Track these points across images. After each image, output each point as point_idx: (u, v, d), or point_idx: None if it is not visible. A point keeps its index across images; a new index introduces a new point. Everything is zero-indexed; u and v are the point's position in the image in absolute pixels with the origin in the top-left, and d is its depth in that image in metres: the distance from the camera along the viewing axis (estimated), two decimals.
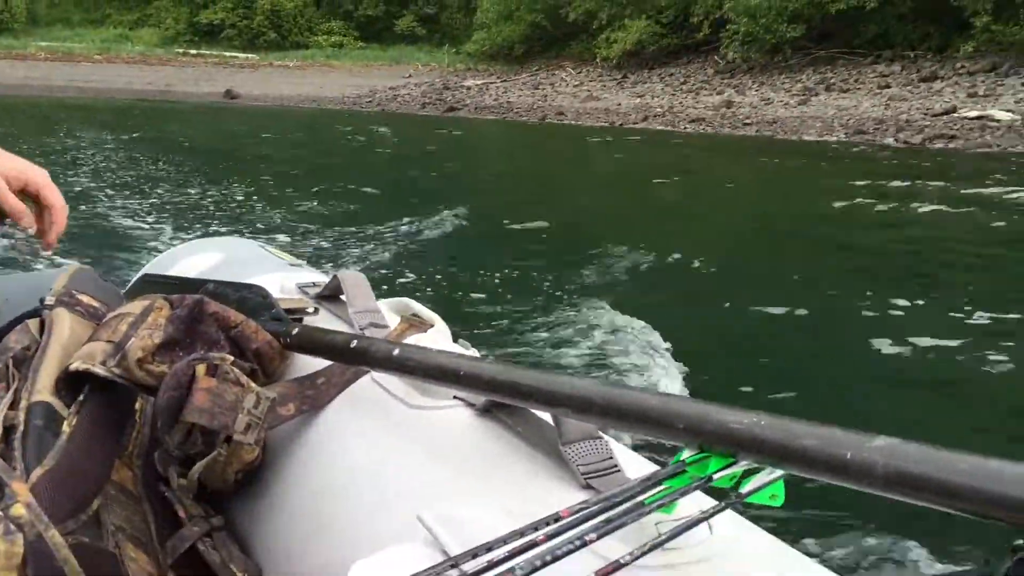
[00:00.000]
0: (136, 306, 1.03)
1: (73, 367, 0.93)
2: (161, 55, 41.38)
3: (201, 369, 0.93)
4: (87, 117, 18.45)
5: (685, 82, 24.61)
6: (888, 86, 19.42)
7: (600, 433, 0.83)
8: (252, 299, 1.14)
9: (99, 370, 0.93)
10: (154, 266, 1.65)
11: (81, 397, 0.93)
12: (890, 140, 13.91)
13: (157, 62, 40.24)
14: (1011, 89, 16.79)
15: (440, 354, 0.89)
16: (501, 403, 0.88)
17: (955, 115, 15.08)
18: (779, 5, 22.66)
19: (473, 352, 1.07)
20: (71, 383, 0.94)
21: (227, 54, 41.29)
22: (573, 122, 20.46)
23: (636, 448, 0.86)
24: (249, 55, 41.20)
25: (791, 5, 22.49)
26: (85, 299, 1.09)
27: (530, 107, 23.68)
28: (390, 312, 1.23)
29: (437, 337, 1.13)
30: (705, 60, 26.24)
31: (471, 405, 0.94)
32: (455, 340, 1.19)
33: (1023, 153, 12.33)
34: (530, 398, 0.79)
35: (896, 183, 9.63)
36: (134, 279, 1.46)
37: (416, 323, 1.16)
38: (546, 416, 0.85)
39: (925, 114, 15.61)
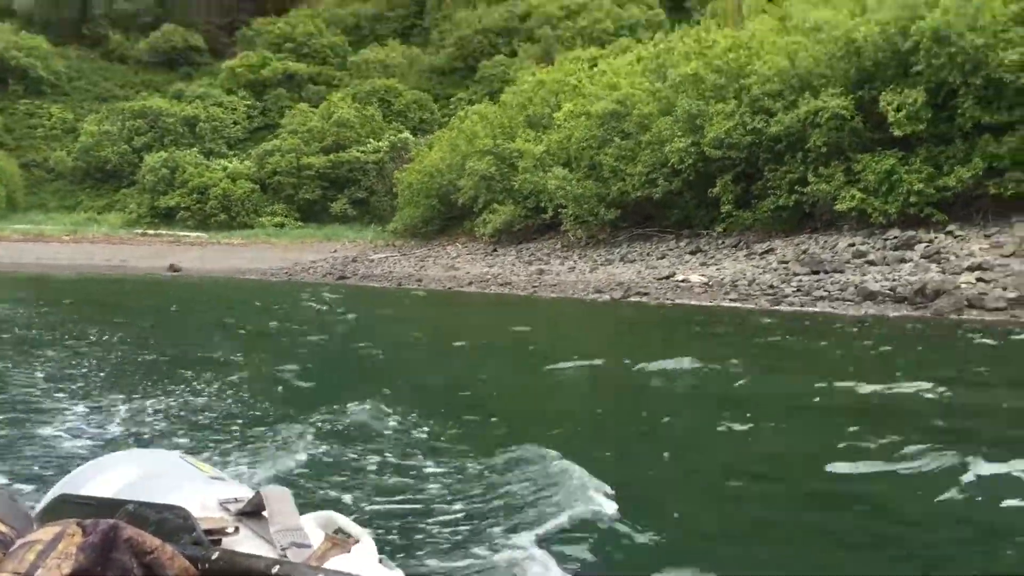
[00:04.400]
0: (46, 532, 0.98)
1: None
2: (122, 235, 47.18)
3: None
4: (38, 289, 23.16)
5: (533, 255, 30.06)
6: (664, 256, 24.79)
7: None
8: (172, 521, 1.09)
9: None
10: (70, 482, 1.54)
11: None
12: (607, 297, 19.03)
13: (118, 241, 45.98)
14: (731, 258, 22.14)
15: None
16: None
17: (670, 279, 20.26)
18: (598, 193, 28.41)
19: (397, 572, 1.06)
20: None
21: (180, 233, 47.12)
22: (423, 287, 25.62)
23: None
24: (199, 234, 47.02)
25: (606, 193, 28.21)
26: None
27: (403, 275, 28.96)
28: (314, 528, 1.20)
29: (361, 556, 1.09)
30: (561, 237, 31.83)
31: None
32: (381, 556, 1.16)
33: (684, 304, 17.40)
34: None
35: (582, 319, 14.60)
36: (48, 498, 1.39)
37: (340, 541, 1.11)
38: None
39: (655, 278, 20.79)
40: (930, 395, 7.24)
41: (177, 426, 5.42)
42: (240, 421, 5.65)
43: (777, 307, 16.16)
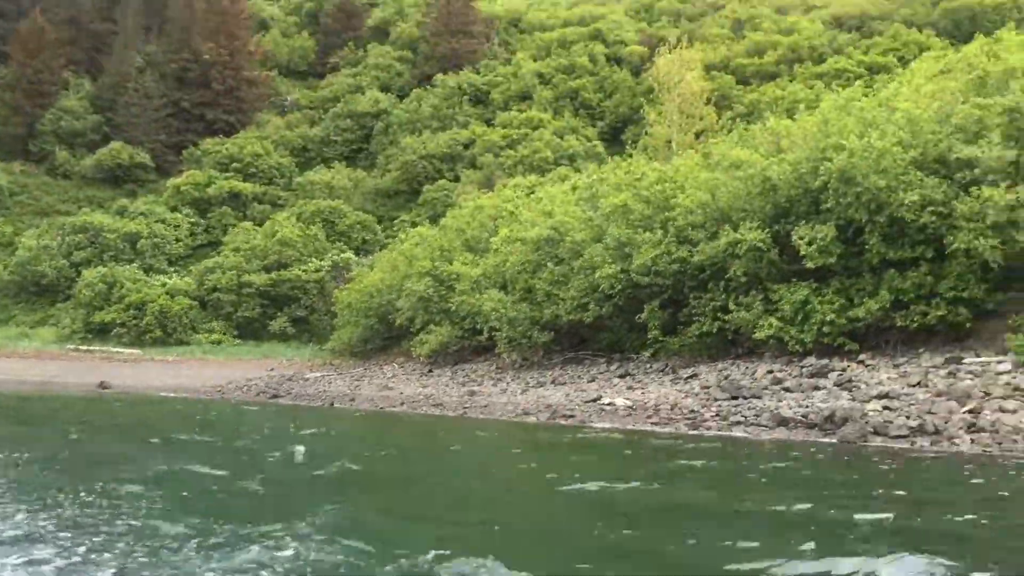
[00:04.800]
0: None
1: None
2: (54, 351, 46.38)
3: None
4: None
5: (468, 376, 30.33)
6: (594, 380, 25.26)
7: None
8: None
9: None
10: None
11: None
12: (533, 419, 19.34)
13: (49, 357, 45.16)
14: (657, 383, 22.70)
15: None
16: None
17: (597, 402, 20.68)
18: (532, 316, 29.03)
19: None
20: None
21: (113, 349, 46.48)
22: (355, 407, 25.66)
23: None
24: (133, 350, 46.44)
25: (539, 316, 28.84)
26: None
27: (336, 395, 28.94)
28: None
29: None
30: (496, 359, 32.21)
31: None
32: None
33: (606, 426, 17.78)
34: None
35: (504, 440, 14.82)
36: None
37: None
38: None
39: (583, 401, 21.19)
40: (803, 511, 7.80)
41: (99, 555, 5.35)
42: (165, 545, 5.66)
43: (695, 431, 16.63)
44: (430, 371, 33.09)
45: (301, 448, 11.33)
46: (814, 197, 21.68)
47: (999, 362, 17.25)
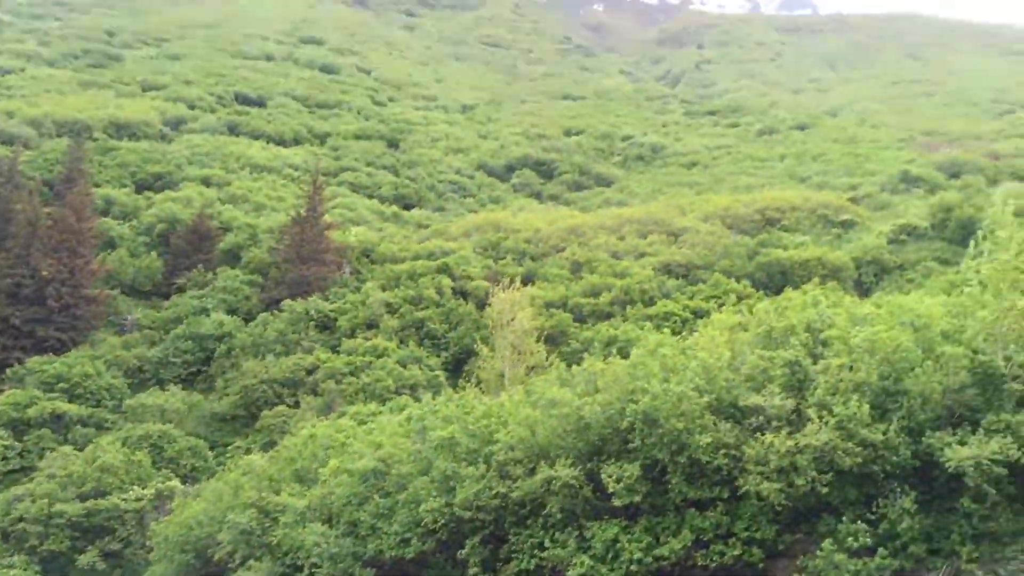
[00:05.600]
0: None
1: None
2: None
3: None
4: None
5: None
6: None
7: None
8: None
9: None
10: None
11: None
12: None
13: None
14: None
15: None
16: None
17: None
18: (355, 552, 28.29)
19: None
20: None
21: None
22: None
23: None
24: None
25: (363, 551, 28.14)
26: None
27: None
28: None
29: None
30: None
31: None
32: None
33: None
34: None
35: None
36: None
37: None
38: None
39: None
40: None
41: None
42: None
43: None
44: None
45: None
46: (623, 436, 22.83)
47: None
